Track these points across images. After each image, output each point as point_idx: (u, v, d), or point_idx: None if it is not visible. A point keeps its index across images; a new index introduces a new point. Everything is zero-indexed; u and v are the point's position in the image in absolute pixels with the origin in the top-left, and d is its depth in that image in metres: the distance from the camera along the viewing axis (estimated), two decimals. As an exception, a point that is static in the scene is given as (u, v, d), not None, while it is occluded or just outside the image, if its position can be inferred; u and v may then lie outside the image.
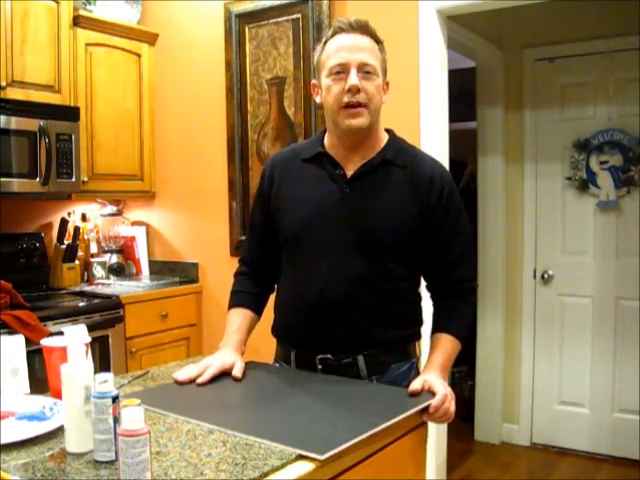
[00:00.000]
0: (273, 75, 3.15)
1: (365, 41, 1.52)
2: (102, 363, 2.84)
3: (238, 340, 1.62)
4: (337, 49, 1.52)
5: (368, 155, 1.59)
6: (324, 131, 1.66)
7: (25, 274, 3.15)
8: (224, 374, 1.51)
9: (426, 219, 1.56)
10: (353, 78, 1.49)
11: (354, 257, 1.55)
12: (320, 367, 1.58)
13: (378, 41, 1.55)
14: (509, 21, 3.53)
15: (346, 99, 1.50)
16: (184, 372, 1.50)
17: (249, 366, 1.58)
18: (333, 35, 1.54)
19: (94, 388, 1.10)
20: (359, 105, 1.50)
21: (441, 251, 1.60)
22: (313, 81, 1.62)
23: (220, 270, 3.33)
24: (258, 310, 1.72)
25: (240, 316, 1.67)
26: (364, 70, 1.50)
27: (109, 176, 3.36)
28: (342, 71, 1.50)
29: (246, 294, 1.71)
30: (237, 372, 1.51)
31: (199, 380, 1.47)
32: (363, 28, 1.53)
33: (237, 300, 1.71)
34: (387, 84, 1.59)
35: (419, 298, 1.67)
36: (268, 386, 1.51)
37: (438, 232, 1.57)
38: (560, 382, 3.60)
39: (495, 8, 2.83)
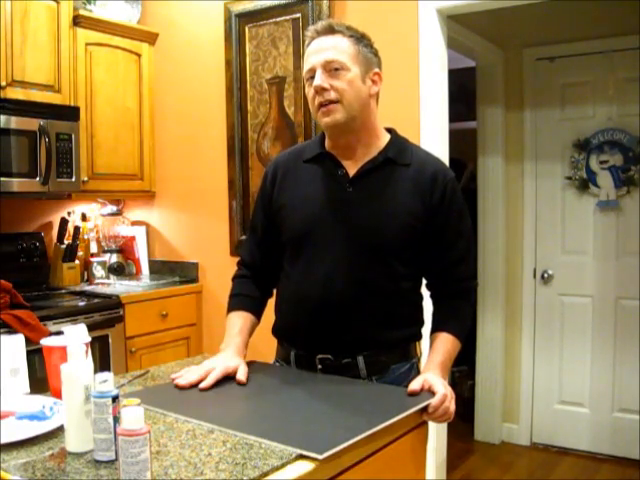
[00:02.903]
0: (273, 75, 3.15)
1: (331, 39, 1.52)
2: (102, 363, 2.84)
3: (240, 343, 1.60)
4: (307, 59, 1.55)
5: (369, 154, 1.58)
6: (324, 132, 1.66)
7: (25, 274, 3.15)
8: (226, 377, 1.49)
9: (429, 218, 1.55)
10: (317, 79, 1.50)
11: (357, 257, 1.55)
12: (320, 367, 1.58)
13: (351, 35, 1.53)
14: (509, 21, 3.53)
15: (317, 101, 1.52)
16: (185, 377, 1.47)
17: (250, 366, 1.58)
18: (307, 45, 1.56)
19: (94, 388, 1.10)
20: (330, 103, 1.51)
21: (443, 249, 1.60)
22: None
23: (220, 270, 3.33)
24: (258, 314, 1.71)
25: (241, 319, 1.66)
26: (331, 67, 1.50)
27: (109, 176, 3.36)
28: (312, 76, 1.52)
29: (246, 297, 1.70)
30: (241, 376, 1.48)
31: (202, 385, 1.44)
32: (328, 30, 1.53)
33: (237, 303, 1.70)
34: (377, 74, 1.57)
35: (420, 298, 1.67)
36: (268, 386, 1.51)
37: (441, 231, 1.57)
38: (560, 382, 3.60)
39: (495, 8, 2.83)
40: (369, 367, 1.57)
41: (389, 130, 1.65)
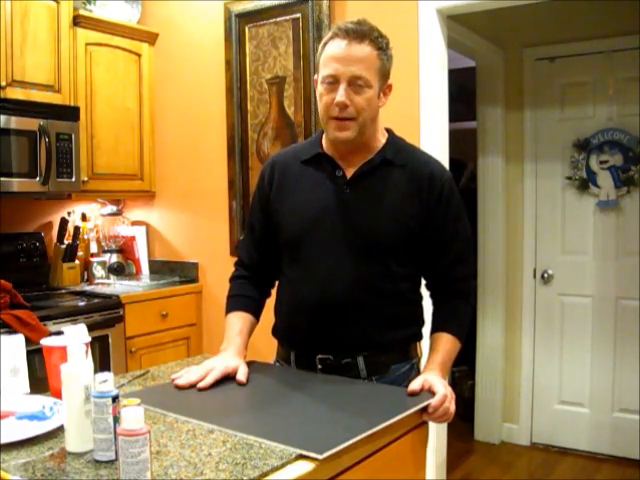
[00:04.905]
0: (273, 75, 3.15)
1: (361, 50, 1.47)
2: (102, 363, 2.84)
3: (240, 343, 1.60)
4: (331, 58, 1.49)
5: (367, 155, 1.58)
6: (322, 132, 1.65)
7: (25, 274, 3.15)
8: (226, 378, 1.49)
9: (426, 218, 1.55)
10: (341, 94, 1.47)
11: (355, 258, 1.54)
12: (320, 367, 1.58)
13: (379, 47, 1.50)
14: (509, 21, 3.53)
15: (334, 113, 1.50)
16: (185, 376, 1.47)
17: (250, 366, 1.58)
18: (332, 38, 1.51)
19: (94, 388, 1.10)
20: (346, 119, 1.50)
21: (441, 250, 1.60)
22: (315, 76, 1.62)
23: (220, 270, 3.33)
24: (257, 315, 1.71)
25: (241, 320, 1.65)
26: (355, 83, 1.48)
27: (109, 176, 3.36)
28: (333, 81, 1.49)
29: (245, 298, 1.70)
30: (241, 376, 1.48)
31: (201, 384, 1.43)
32: (362, 35, 1.48)
33: (236, 304, 1.69)
34: (389, 87, 1.58)
35: (420, 298, 1.67)
36: (268, 386, 1.51)
37: (438, 231, 1.57)
38: (560, 382, 3.60)
39: (495, 8, 2.83)
40: (369, 367, 1.57)
41: (387, 130, 1.65)
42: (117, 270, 3.46)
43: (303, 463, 1.07)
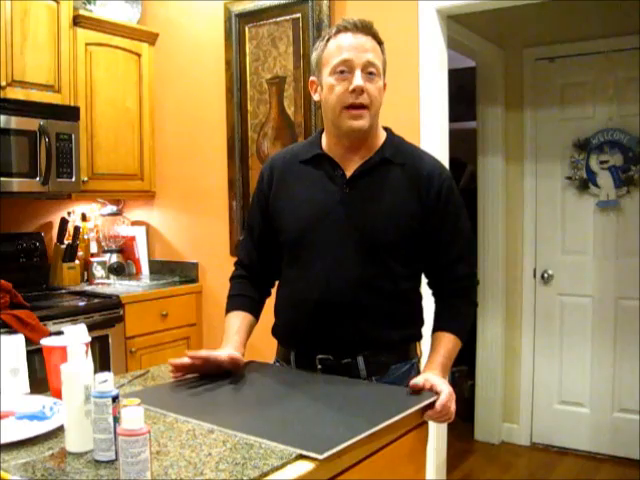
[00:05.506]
0: (273, 75, 3.15)
1: (369, 42, 1.51)
2: (102, 363, 2.85)
3: (238, 341, 1.60)
4: (341, 48, 1.50)
5: (367, 154, 1.58)
6: (321, 132, 1.65)
7: (25, 274, 3.15)
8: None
9: (426, 217, 1.55)
10: (358, 79, 1.48)
11: (355, 257, 1.54)
12: (320, 367, 1.58)
13: (380, 42, 1.55)
14: (509, 21, 3.53)
15: (350, 100, 1.49)
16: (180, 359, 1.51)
17: (250, 366, 1.58)
18: (336, 33, 1.53)
19: (94, 388, 1.10)
20: (362, 106, 1.50)
21: (442, 248, 1.60)
22: (312, 78, 1.61)
23: (220, 270, 3.33)
24: (256, 314, 1.71)
25: (240, 319, 1.66)
26: (368, 71, 1.49)
27: (109, 176, 3.36)
28: (346, 70, 1.49)
29: (245, 297, 1.70)
30: (224, 357, 1.50)
31: (190, 353, 1.49)
32: (367, 29, 1.52)
33: (235, 304, 1.70)
34: (384, 85, 1.59)
35: (420, 298, 1.67)
36: (268, 386, 1.51)
37: (438, 229, 1.57)
38: (560, 382, 3.60)
39: (495, 8, 2.83)
40: (369, 367, 1.57)
41: (385, 129, 1.65)
42: (117, 270, 3.46)
43: (303, 463, 1.07)
